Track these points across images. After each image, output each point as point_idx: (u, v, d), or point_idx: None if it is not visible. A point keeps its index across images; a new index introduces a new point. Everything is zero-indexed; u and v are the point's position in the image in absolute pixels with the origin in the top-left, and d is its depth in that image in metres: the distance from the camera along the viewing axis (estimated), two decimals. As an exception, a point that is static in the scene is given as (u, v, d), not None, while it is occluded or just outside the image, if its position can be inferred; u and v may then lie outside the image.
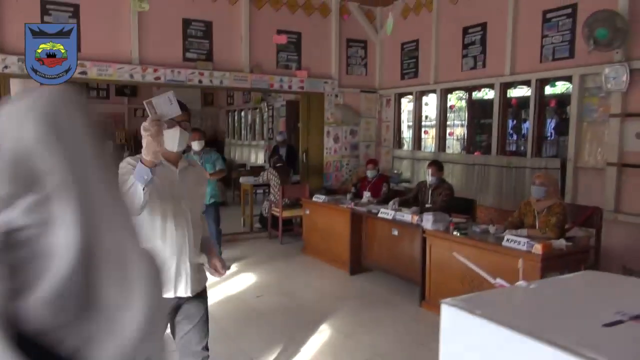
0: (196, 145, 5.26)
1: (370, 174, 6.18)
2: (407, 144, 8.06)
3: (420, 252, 4.36)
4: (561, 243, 3.56)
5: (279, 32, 7.22)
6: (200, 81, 6.66)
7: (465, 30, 6.58)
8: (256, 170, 9.41)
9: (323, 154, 7.90)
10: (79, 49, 5.37)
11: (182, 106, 2.00)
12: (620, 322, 0.68)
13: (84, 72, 5.88)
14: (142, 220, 1.95)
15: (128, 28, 6.21)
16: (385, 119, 8.27)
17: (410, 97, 7.78)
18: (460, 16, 6.64)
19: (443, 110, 7.19)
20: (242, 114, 14.13)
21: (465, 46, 6.61)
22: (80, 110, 0.64)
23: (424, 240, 4.33)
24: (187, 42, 6.62)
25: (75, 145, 0.60)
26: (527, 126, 6.03)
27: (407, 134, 8.12)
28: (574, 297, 0.79)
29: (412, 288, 4.62)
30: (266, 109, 12.29)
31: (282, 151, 8.43)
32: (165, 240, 2.02)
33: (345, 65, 7.92)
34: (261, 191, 9.51)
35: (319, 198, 6.07)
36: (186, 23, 6.58)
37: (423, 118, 7.70)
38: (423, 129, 7.73)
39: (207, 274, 2.26)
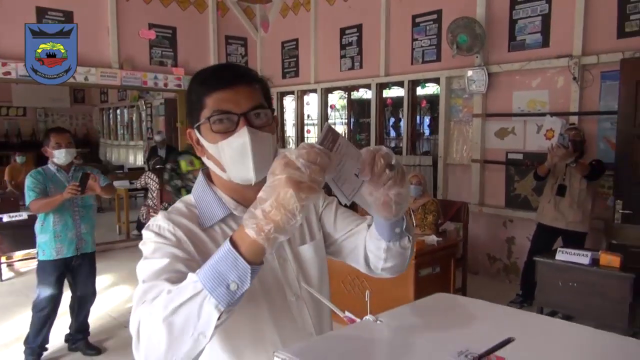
0: (62, 157, 3.23)
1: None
2: (292, 143, 8.05)
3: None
4: (433, 239, 3.73)
5: (151, 26, 6.77)
6: (60, 77, 5.99)
7: (343, 31, 6.69)
8: (135, 173, 8.80)
9: (204, 154, 7.58)
10: None
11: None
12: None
13: None
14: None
15: (-33, 15, 5.39)
16: (268, 118, 8.15)
17: (293, 96, 7.77)
18: (337, 17, 6.74)
19: (324, 109, 7.28)
20: (118, 112, 13.19)
21: (342, 47, 6.73)
22: None
23: (305, 242, 4.29)
24: (43, 34, 5.92)
25: None
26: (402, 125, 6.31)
27: (291, 132, 8.10)
28: (419, 334, 0.73)
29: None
30: (144, 107, 11.58)
31: (162, 152, 7.97)
32: None
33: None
34: (142, 195, 8.91)
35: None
36: (40, 12, 5.87)
37: (305, 117, 7.74)
38: (306, 128, 7.76)
39: None
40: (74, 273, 3.35)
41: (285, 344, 0.96)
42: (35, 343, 3.28)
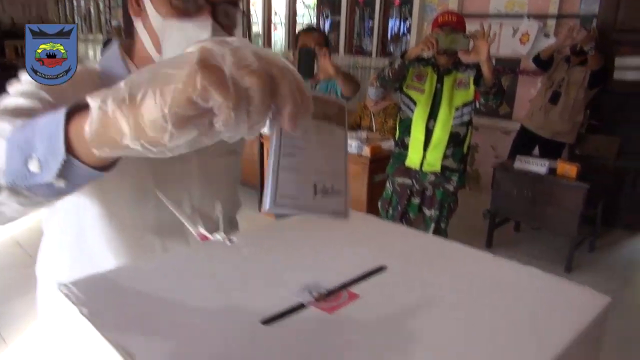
0: None
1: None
2: (258, 41, 7.56)
3: (258, 155, 4.18)
4: (390, 145, 3.57)
5: None
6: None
7: None
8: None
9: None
10: None
11: None
12: (298, 307, 0.48)
13: None
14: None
15: None
16: (233, 12, 7.57)
17: (259, -11, 7.16)
18: None
19: (292, 6, 6.75)
20: (75, 3, 12.18)
21: None
22: None
23: (261, 145, 4.13)
24: None
25: None
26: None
27: (258, 29, 7.58)
28: (270, 262, 0.57)
29: (253, 194, 4.48)
30: (102, -3, 10.67)
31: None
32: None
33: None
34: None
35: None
36: None
37: (273, 14, 7.20)
38: (273, 25, 7.25)
39: None
40: None
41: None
42: None
